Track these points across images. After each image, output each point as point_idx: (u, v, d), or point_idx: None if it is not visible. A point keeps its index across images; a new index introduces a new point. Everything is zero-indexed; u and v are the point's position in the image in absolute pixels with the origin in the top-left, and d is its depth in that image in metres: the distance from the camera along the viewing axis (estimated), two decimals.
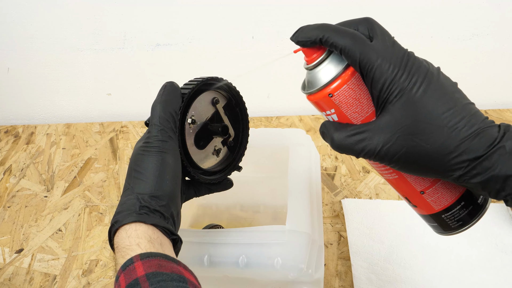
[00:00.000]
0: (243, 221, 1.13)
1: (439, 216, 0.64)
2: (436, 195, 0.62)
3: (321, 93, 0.60)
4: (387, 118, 0.56)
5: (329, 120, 0.62)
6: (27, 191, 1.34)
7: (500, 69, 1.52)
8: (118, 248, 0.63)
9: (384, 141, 0.56)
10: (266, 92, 1.56)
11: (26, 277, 1.10)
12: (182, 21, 1.44)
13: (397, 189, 0.66)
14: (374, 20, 0.60)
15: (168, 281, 0.57)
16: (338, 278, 1.05)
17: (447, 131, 0.54)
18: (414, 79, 0.55)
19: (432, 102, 0.55)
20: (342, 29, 0.59)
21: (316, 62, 0.60)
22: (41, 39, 1.49)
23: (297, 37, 0.61)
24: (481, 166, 0.54)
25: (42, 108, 1.64)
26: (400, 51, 0.57)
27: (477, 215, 0.63)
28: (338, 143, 0.59)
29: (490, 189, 0.55)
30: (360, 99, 0.58)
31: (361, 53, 0.56)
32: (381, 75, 0.55)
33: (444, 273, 1.04)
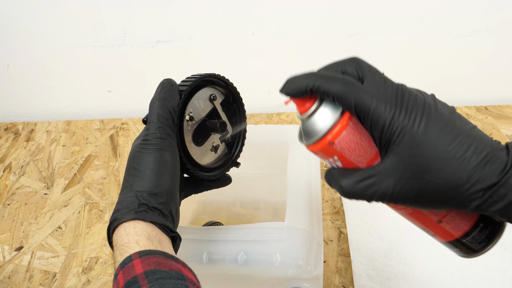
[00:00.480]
0: (243, 218, 1.13)
1: (461, 241, 0.63)
2: (453, 222, 0.61)
3: (320, 142, 0.58)
4: (393, 160, 0.54)
5: (334, 168, 0.60)
6: (27, 189, 1.34)
7: (500, 65, 1.52)
8: (116, 245, 0.63)
9: (395, 183, 0.55)
10: (266, 89, 1.56)
11: (25, 275, 1.10)
12: (182, 18, 1.44)
13: (414, 223, 0.65)
14: (360, 59, 0.58)
15: (167, 279, 0.57)
16: (338, 275, 1.05)
17: (456, 163, 0.53)
18: (413, 116, 0.53)
19: (436, 136, 0.53)
20: (332, 75, 0.56)
21: (310, 112, 0.58)
22: (41, 36, 1.49)
23: (287, 89, 0.58)
24: (497, 193, 0.53)
25: (42, 105, 1.64)
26: (393, 88, 0.55)
27: (497, 233, 0.61)
28: (348, 190, 0.57)
29: (509, 215, 0.54)
30: (362, 142, 0.57)
31: (355, 98, 0.54)
32: (380, 117, 0.53)
33: (444, 269, 1.03)
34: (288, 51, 1.48)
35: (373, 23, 1.43)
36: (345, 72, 0.57)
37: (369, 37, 1.45)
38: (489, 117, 1.47)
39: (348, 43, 1.46)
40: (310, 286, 0.81)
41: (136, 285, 0.56)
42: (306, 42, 1.46)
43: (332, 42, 1.46)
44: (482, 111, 1.50)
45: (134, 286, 0.56)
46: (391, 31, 1.44)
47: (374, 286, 1.01)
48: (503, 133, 1.41)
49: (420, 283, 1.01)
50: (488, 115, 1.48)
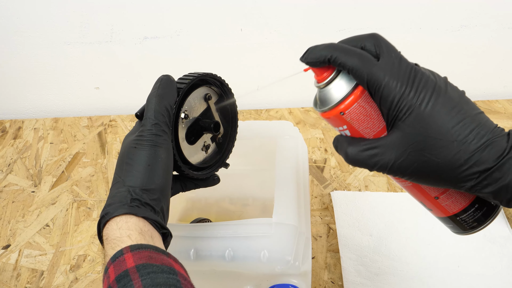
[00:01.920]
0: (232, 214, 1.13)
1: (455, 218, 0.66)
2: (450, 199, 0.64)
3: (332, 111, 0.61)
4: (398, 135, 0.57)
5: (342, 135, 0.64)
6: (14, 187, 1.33)
7: (489, 60, 1.52)
8: (108, 240, 0.62)
9: (396, 157, 0.58)
10: (255, 85, 1.55)
11: (13, 273, 1.10)
12: (170, 13, 1.43)
13: (412, 195, 0.68)
14: (380, 36, 0.61)
15: (158, 273, 0.57)
16: (327, 271, 1.05)
17: (457, 145, 0.55)
18: (422, 95, 0.56)
19: (441, 117, 0.55)
20: (350, 49, 0.59)
21: (326, 82, 0.61)
22: (28, 33, 1.48)
23: (306, 58, 0.61)
24: (492, 177, 0.55)
25: (30, 102, 1.62)
26: (407, 67, 0.57)
27: (491, 215, 0.64)
28: (352, 157, 0.61)
29: (501, 198, 0.56)
30: (371, 115, 0.60)
31: (368, 73, 0.57)
32: (389, 93, 0.56)
33: (433, 264, 1.04)
34: (277, 47, 1.48)
35: (361, 19, 1.43)
36: (364, 47, 0.60)
37: (357, 33, 1.43)
38: None
39: (336, 39, 1.45)
40: (298, 282, 0.81)
41: (127, 279, 0.56)
42: (294, 38, 1.46)
43: (321, 37, 1.45)
44: None
45: (125, 279, 0.56)
46: (380, 27, 1.44)
47: (363, 281, 1.01)
48: None
49: (409, 278, 1.01)
50: None
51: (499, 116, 1.45)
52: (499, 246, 1.06)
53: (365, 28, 1.43)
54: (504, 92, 1.58)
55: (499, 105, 1.50)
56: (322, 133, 1.42)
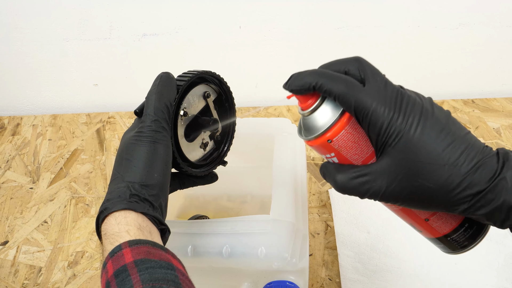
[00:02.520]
0: (230, 212, 1.13)
1: (445, 239, 0.65)
2: (440, 221, 0.63)
3: (319, 139, 0.59)
4: (388, 161, 0.56)
5: (329, 162, 0.62)
6: (13, 183, 1.33)
7: (487, 58, 1.52)
8: (106, 235, 0.63)
9: (388, 183, 0.57)
10: (254, 82, 1.55)
11: (11, 270, 1.10)
12: (168, 11, 1.43)
13: (402, 218, 0.67)
14: (364, 59, 0.60)
15: (157, 268, 0.57)
16: (325, 268, 1.05)
17: (448, 169, 0.55)
18: (410, 120, 0.55)
19: (431, 141, 0.55)
20: (335, 75, 0.58)
21: (311, 109, 0.60)
22: (27, 29, 1.48)
23: (290, 85, 0.60)
24: (485, 198, 0.54)
25: (28, 99, 1.62)
26: (393, 92, 0.56)
27: (481, 234, 0.64)
28: (342, 185, 0.59)
29: (495, 220, 0.56)
30: (359, 141, 0.59)
31: (355, 100, 0.56)
32: (378, 119, 0.55)
33: (430, 262, 1.04)
34: (275, 44, 1.48)
35: (360, 16, 1.43)
36: (347, 71, 0.59)
37: (356, 30, 1.45)
38: (476, 110, 1.48)
39: (335, 36, 1.45)
40: (296, 278, 0.81)
41: (125, 274, 0.56)
42: (293, 35, 1.46)
43: (319, 35, 1.45)
44: (469, 104, 1.50)
45: (124, 274, 0.56)
46: (379, 24, 1.44)
47: (361, 278, 1.01)
48: (490, 126, 1.41)
49: (407, 276, 1.01)
50: (475, 108, 1.48)
51: (496, 114, 1.46)
52: (496, 244, 1.06)
53: (364, 26, 1.44)
54: (502, 91, 1.58)
55: (497, 103, 1.50)
56: None
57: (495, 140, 1.36)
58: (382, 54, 1.49)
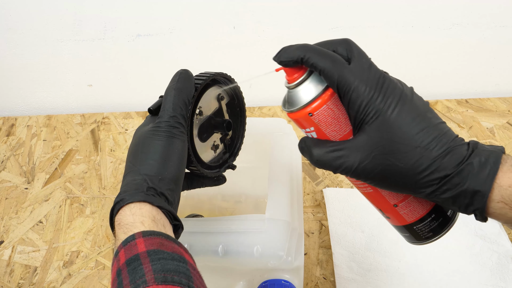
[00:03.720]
0: (224, 211, 1.13)
1: (411, 227, 0.67)
2: (408, 208, 0.65)
3: (301, 112, 0.62)
4: (363, 138, 0.59)
5: (308, 137, 0.64)
6: (8, 183, 1.33)
7: (480, 58, 1.53)
8: (120, 225, 0.63)
9: (361, 159, 0.59)
10: (248, 82, 1.55)
11: (6, 269, 1.10)
12: (162, 11, 1.44)
13: (372, 202, 0.69)
14: (352, 41, 0.62)
15: (169, 260, 0.58)
16: (319, 267, 1.06)
17: (419, 151, 0.57)
18: (389, 101, 0.57)
19: (406, 123, 0.57)
20: (323, 51, 0.60)
21: (297, 82, 0.62)
22: (21, 30, 1.48)
23: (280, 57, 0.62)
24: (451, 182, 0.57)
25: (23, 99, 1.62)
26: (376, 74, 0.59)
27: (446, 226, 0.66)
28: (317, 158, 0.62)
29: (459, 204, 0.58)
30: (339, 118, 0.61)
31: (339, 76, 0.58)
32: (358, 97, 0.58)
33: (424, 260, 1.04)
34: (269, 44, 1.48)
35: (354, 17, 1.43)
36: (336, 51, 0.61)
37: (349, 31, 1.45)
38: (469, 110, 1.48)
39: (329, 36, 1.45)
40: (291, 277, 0.82)
41: (137, 263, 0.57)
42: (287, 35, 1.46)
43: (313, 35, 1.46)
44: (462, 104, 1.51)
45: (136, 263, 0.57)
46: (372, 25, 1.44)
47: (355, 277, 1.02)
48: (483, 126, 1.42)
49: (401, 275, 1.02)
50: (468, 108, 1.49)
51: (490, 114, 1.46)
52: (489, 243, 1.07)
53: (358, 27, 1.44)
54: (496, 91, 1.59)
55: (490, 103, 1.51)
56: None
57: (489, 140, 1.37)
58: (376, 55, 1.48)
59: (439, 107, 1.48)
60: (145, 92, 1.58)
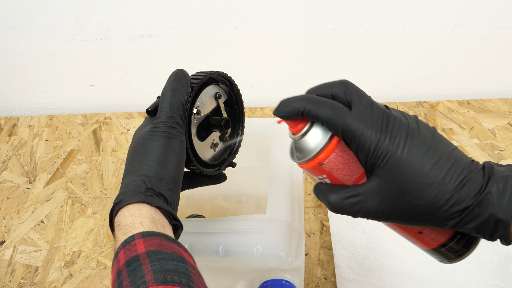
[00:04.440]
0: (226, 211, 1.13)
1: (439, 250, 0.67)
2: (433, 233, 0.65)
3: (311, 162, 0.61)
4: (377, 182, 0.58)
5: (322, 183, 0.64)
6: (9, 183, 1.33)
7: (482, 59, 1.53)
8: (119, 226, 0.64)
9: (378, 203, 0.58)
10: (250, 83, 1.56)
11: (7, 269, 1.10)
12: (164, 11, 1.44)
13: (397, 232, 0.69)
14: (350, 82, 0.61)
15: (169, 260, 0.58)
16: (320, 267, 1.06)
17: (436, 187, 0.56)
18: (397, 141, 0.56)
19: (418, 160, 0.56)
20: (322, 100, 0.59)
21: (302, 133, 0.61)
22: (23, 30, 1.48)
23: (280, 111, 0.61)
24: (472, 213, 0.56)
25: (25, 99, 1.63)
26: (379, 113, 0.58)
27: (472, 244, 0.65)
28: (335, 205, 0.61)
29: (483, 233, 0.57)
30: (349, 163, 0.60)
31: (342, 124, 0.57)
32: (365, 142, 0.57)
33: (425, 261, 1.04)
34: (271, 45, 1.48)
35: (356, 17, 1.43)
36: (334, 95, 0.60)
37: (352, 31, 1.45)
38: (471, 111, 1.48)
39: (331, 37, 1.46)
40: (291, 277, 0.82)
41: (137, 264, 0.57)
42: (289, 36, 1.47)
43: (315, 36, 1.46)
44: (464, 105, 1.51)
45: (135, 264, 0.57)
46: (374, 25, 1.44)
47: (356, 278, 1.02)
48: (485, 127, 1.42)
49: (401, 275, 1.02)
50: (470, 109, 1.49)
51: (491, 115, 1.46)
52: (490, 243, 1.07)
53: (359, 27, 1.44)
54: (497, 91, 1.59)
55: (492, 104, 1.51)
56: None
57: (490, 141, 1.37)
58: (378, 55, 1.50)
59: (441, 108, 1.48)
60: (147, 92, 1.57)
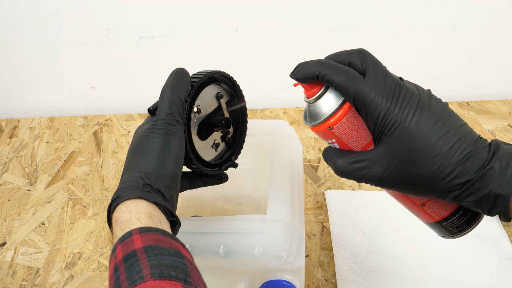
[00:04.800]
0: (226, 213, 1.14)
1: (440, 224, 0.68)
2: (435, 206, 0.66)
3: (321, 126, 0.63)
4: (384, 149, 0.60)
5: (331, 147, 0.66)
6: (10, 185, 1.33)
7: (482, 60, 1.53)
8: (117, 222, 0.64)
9: (383, 170, 0.60)
10: (250, 85, 1.56)
11: (9, 271, 1.10)
12: (165, 13, 1.44)
13: (400, 202, 0.71)
14: (367, 51, 0.64)
15: (166, 255, 0.58)
16: (321, 269, 1.06)
17: (440, 158, 0.58)
18: (406, 110, 0.58)
19: (425, 131, 0.58)
20: (338, 66, 0.62)
21: (315, 97, 0.64)
22: (24, 32, 1.48)
23: (296, 74, 0.64)
24: (473, 187, 0.58)
25: (26, 101, 1.63)
26: (392, 83, 0.60)
27: (474, 221, 0.67)
28: (341, 169, 0.64)
29: (482, 207, 0.59)
30: (359, 129, 0.62)
31: (354, 90, 0.59)
32: (375, 109, 0.59)
33: (425, 262, 1.04)
34: (271, 47, 1.49)
35: (355, 19, 1.44)
36: (351, 62, 0.63)
37: (351, 33, 1.45)
38: (471, 112, 1.49)
39: (331, 39, 1.46)
40: (292, 278, 0.82)
41: (134, 259, 0.57)
42: (289, 37, 1.47)
43: (315, 37, 1.46)
44: (464, 107, 1.51)
45: (133, 259, 0.57)
46: (374, 27, 1.45)
47: (356, 279, 1.02)
48: (485, 128, 1.42)
49: (402, 276, 1.02)
50: (470, 110, 1.49)
51: (491, 116, 1.46)
52: (490, 245, 1.07)
53: (359, 29, 1.44)
54: (497, 93, 1.59)
55: (492, 106, 1.51)
56: None
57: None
58: (377, 57, 1.49)
59: None
60: (148, 94, 1.58)
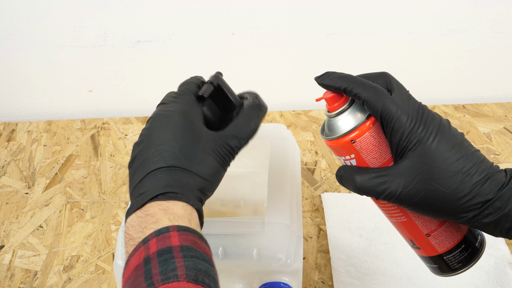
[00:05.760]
0: (223, 216, 1.14)
1: (441, 257, 0.70)
2: (440, 237, 0.67)
3: (342, 139, 0.64)
4: (407, 164, 0.61)
5: (347, 165, 0.67)
6: (8, 188, 1.34)
7: (477, 64, 1.54)
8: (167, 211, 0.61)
9: (405, 185, 0.61)
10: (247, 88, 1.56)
11: (7, 274, 1.10)
12: (162, 17, 1.45)
13: (403, 231, 0.71)
14: (390, 74, 0.66)
15: (201, 260, 0.57)
16: (318, 271, 1.06)
17: (461, 177, 0.60)
18: (429, 130, 0.61)
19: (446, 151, 0.60)
20: (366, 82, 0.64)
21: (338, 111, 0.65)
22: (21, 36, 1.49)
23: (323, 80, 0.65)
24: (493, 206, 0.59)
25: (23, 105, 1.63)
26: (416, 104, 0.63)
27: (475, 257, 0.69)
28: (360, 185, 0.64)
29: (501, 228, 0.61)
30: (380, 146, 0.64)
31: (382, 105, 0.61)
32: (400, 126, 0.61)
33: (422, 265, 1.05)
34: (268, 51, 1.49)
35: (351, 23, 1.44)
36: (375, 83, 0.65)
37: (348, 37, 1.46)
38: (466, 115, 1.49)
39: (327, 43, 1.47)
40: (290, 280, 0.82)
41: (169, 255, 0.56)
42: (285, 41, 1.48)
43: (311, 41, 1.47)
44: (460, 110, 1.52)
45: (168, 255, 0.56)
46: (370, 31, 1.46)
47: (353, 281, 1.02)
48: (481, 131, 1.43)
49: (398, 279, 1.03)
50: (465, 113, 1.50)
51: (487, 119, 1.47)
52: (487, 247, 1.07)
53: (355, 32, 1.45)
54: (492, 96, 1.60)
55: (487, 109, 1.52)
56: (313, 135, 1.43)
57: (485, 145, 1.38)
58: (374, 60, 1.51)
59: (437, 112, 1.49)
60: (145, 98, 1.59)
